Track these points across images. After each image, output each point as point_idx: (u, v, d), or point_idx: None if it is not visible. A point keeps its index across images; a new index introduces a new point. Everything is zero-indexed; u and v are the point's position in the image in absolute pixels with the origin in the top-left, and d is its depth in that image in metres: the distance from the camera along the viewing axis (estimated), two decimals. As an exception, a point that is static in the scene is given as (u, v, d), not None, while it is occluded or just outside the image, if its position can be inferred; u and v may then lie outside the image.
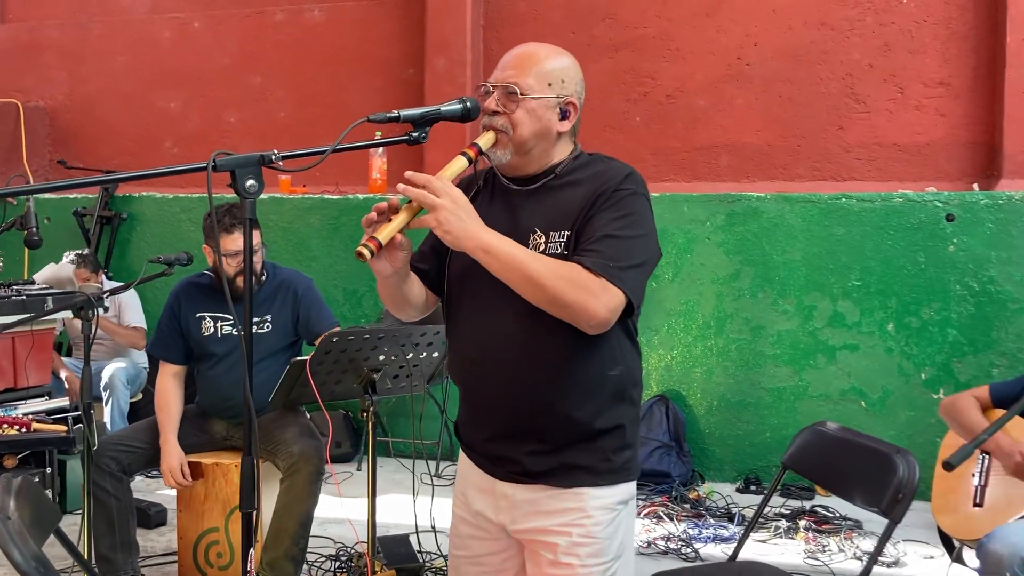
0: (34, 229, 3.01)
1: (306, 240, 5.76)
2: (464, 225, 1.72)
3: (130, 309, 5.11)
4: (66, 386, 4.81)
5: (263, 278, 3.43)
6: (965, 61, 5.25)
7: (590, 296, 1.72)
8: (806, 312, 5.00)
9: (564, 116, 1.90)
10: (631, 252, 1.78)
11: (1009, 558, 2.24)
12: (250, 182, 1.62)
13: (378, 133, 5.60)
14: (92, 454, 2.67)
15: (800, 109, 5.47)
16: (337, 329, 3.26)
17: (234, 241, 3.25)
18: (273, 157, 1.63)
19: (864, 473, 2.29)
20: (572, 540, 1.85)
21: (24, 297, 4.01)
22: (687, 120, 5.65)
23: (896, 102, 5.35)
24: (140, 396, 5.23)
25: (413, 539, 3.73)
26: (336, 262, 5.70)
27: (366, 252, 1.72)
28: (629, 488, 1.93)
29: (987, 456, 2.65)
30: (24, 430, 2.96)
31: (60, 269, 4.91)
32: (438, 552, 3.75)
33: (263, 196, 5.97)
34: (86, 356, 2.68)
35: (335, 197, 5.78)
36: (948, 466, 1.78)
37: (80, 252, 5.18)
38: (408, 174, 1.75)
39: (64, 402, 3.43)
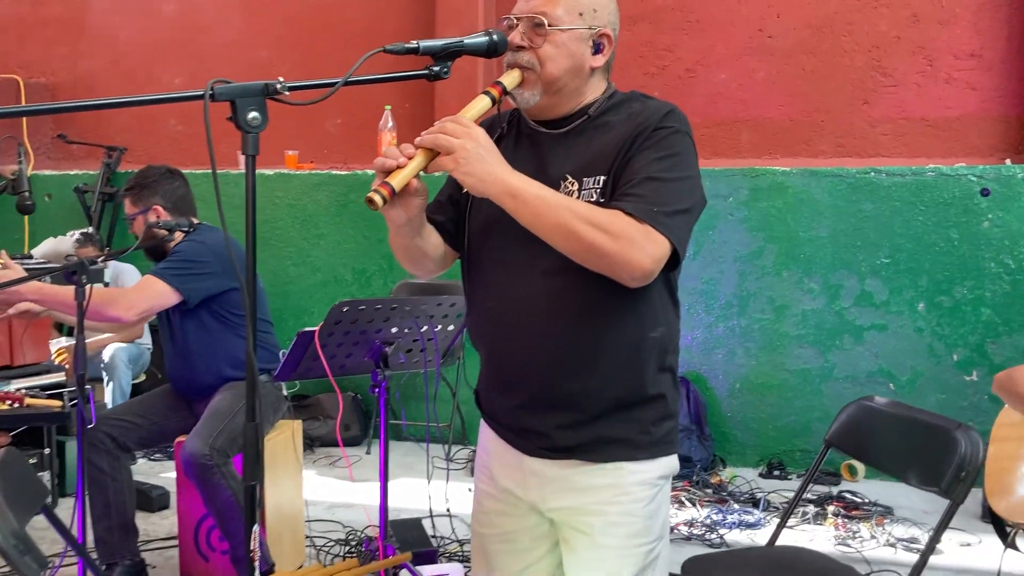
0: (26, 193, 2.85)
1: (314, 217, 5.59)
2: (487, 167, 1.53)
3: (129, 281, 4.93)
4: (65, 367, 4.65)
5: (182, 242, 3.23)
6: (998, 32, 5.04)
7: (632, 245, 1.53)
8: (833, 291, 4.81)
9: (597, 50, 1.71)
10: (677, 196, 1.60)
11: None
12: (252, 114, 1.44)
13: (388, 107, 5.46)
14: (86, 428, 2.51)
15: (824, 83, 5.27)
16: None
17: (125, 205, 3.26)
18: (278, 86, 1.44)
19: (920, 450, 2.11)
20: (609, 520, 1.68)
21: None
22: (707, 95, 5.45)
23: (925, 75, 5.15)
24: (143, 377, 5.07)
25: (426, 524, 3.57)
26: (345, 240, 5.52)
27: (377, 199, 1.53)
28: (671, 462, 1.75)
29: (1044, 435, 2.48)
30: (17, 405, 2.80)
31: (59, 243, 4.75)
32: (452, 537, 3.59)
33: (268, 172, 5.83)
34: (79, 324, 2.52)
35: (343, 173, 5.60)
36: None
37: (85, 231, 5.01)
38: (424, 132, 1.57)
39: (61, 377, 3.28)
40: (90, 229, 5.06)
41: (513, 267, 1.71)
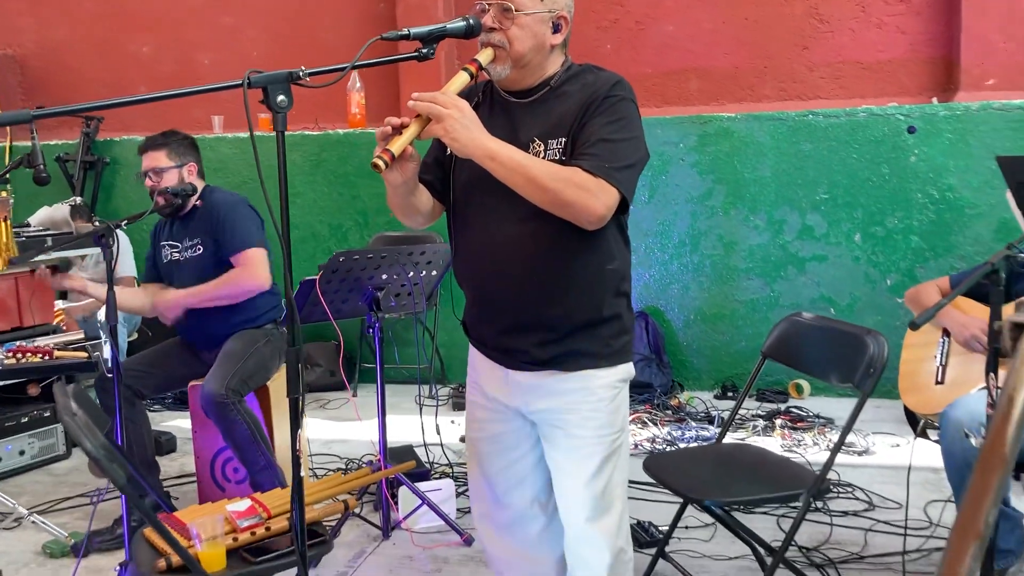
0: (41, 167, 3.12)
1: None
2: (470, 134, 1.86)
3: (123, 255, 5.14)
4: (63, 328, 4.92)
5: (196, 202, 3.57)
6: (924, -23, 5.40)
7: (589, 195, 1.88)
8: (776, 226, 5.23)
9: (556, 29, 2.04)
10: (624, 154, 1.95)
11: (969, 423, 2.49)
12: (280, 97, 1.78)
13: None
14: (121, 368, 2.83)
15: (766, 31, 5.61)
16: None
17: (147, 160, 3.58)
18: (300, 74, 1.78)
19: (838, 354, 2.52)
20: (582, 416, 2.06)
21: (24, 238, 4.11)
22: (657, 46, 5.77)
23: (859, 21, 5.50)
24: (135, 335, 5.36)
25: (418, 452, 3.95)
26: (320, 197, 5.82)
27: (381, 163, 1.86)
28: (628, 368, 2.13)
29: (947, 339, 2.90)
30: (47, 358, 3.11)
31: (55, 211, 4.98)
32: (446, 461, 3.98)
33: (243, 135, 6.08)
34: (109, 280, 2.83)
35: (315, 133, 5.88)
36: (914, 325, 1.99)
37: (73, 202, 5.23)
38: (415, 94, 1.89)
39: (76, 335, 3.58)
40: (78, 199, 5.29)
41: (493, 216, 2.06)
